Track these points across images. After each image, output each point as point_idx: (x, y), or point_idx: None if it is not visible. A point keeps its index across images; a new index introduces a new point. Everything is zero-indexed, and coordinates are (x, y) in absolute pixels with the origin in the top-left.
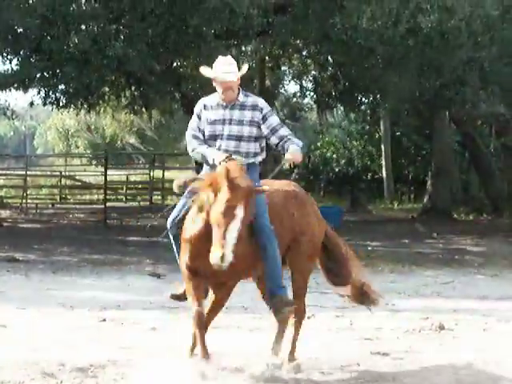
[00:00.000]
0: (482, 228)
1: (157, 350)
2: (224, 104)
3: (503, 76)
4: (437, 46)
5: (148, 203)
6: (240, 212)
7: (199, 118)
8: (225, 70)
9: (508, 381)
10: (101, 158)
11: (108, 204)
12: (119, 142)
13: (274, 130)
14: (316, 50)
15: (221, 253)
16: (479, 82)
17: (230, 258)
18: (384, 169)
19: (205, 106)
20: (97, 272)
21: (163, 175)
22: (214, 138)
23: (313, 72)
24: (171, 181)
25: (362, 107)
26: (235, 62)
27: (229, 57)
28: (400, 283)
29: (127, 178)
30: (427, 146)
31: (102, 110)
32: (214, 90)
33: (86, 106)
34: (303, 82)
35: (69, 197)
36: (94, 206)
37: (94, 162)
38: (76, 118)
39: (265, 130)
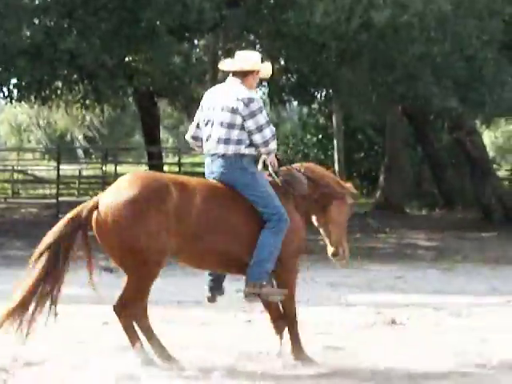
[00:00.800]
0: (434, 223)
1: (109, 344)
2: None
3: (456, 71)
4: (389, 41)
5: None
6: None
7: None
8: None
9: (460, 375)
10: (53, 152)
11: (60, 199)
12: (69, 137)
13: None
14: (268, 44)
15: None
16: (432, 77)
17: None
18: (336, 163)
19: None
20: None
21: (116, 170)
22: None
23: None
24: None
25: (316, 101)
26: None
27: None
28: (352, 278)
29: (80, 172)
30: (380, 141)
31: (55, 104)
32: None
33: (38, 100)
34: None
35: (21, 191)
36: (47, 200)
37: (46, 157)
38: (28, 112)
39: None
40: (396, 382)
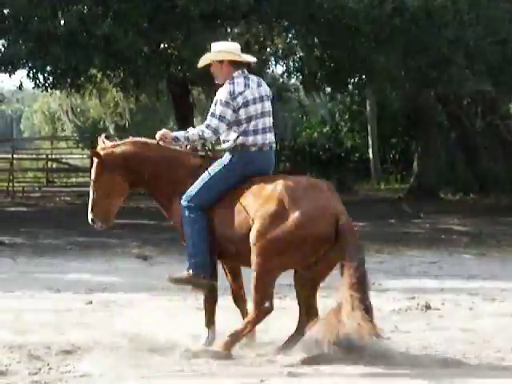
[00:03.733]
0: (468, 207)
1: (141, 331)
2: None
3: (489, 54)
4: (422, 25)
5: None
6: None
7: None
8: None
9: (496, 359)
10: (87, 140)
11: None
12: (101, 124)
13: None
14: (302, 30)
15: None
16: (465, 61)
17: None
18: (371, 149)
19: None
20: (83, 255)
21: None
22: None
23: (299, 53)
24: None
25: (350, 87)
26: None
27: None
28: (386, 263)
29: None
30: (414, 126)
31: (89, 91)
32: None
33: (73, 87)
34: (289, 62)
35: (55, 180)
36: (81, 188)
37: (80, 145)
38: (61, 100)
39: None
40: (430, 367)
